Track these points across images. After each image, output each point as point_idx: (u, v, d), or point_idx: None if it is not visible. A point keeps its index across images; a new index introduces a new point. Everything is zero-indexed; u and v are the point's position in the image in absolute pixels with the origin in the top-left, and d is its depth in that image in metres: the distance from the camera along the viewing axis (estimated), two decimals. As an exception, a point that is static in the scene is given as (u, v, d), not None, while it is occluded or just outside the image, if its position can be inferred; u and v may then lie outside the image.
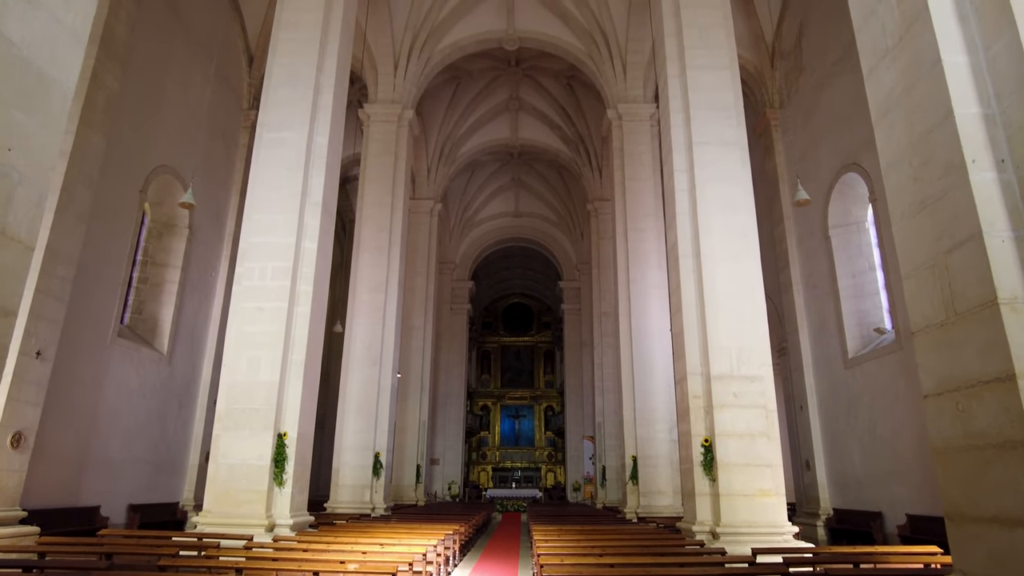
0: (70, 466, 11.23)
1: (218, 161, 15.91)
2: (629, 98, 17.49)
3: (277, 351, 8.95)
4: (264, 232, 9.56)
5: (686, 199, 9.62)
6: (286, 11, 10.68)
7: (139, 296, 13.84)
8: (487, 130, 24.20)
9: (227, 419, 8.77)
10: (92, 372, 11.74)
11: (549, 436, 35.55)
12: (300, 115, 10.04)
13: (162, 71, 13.70)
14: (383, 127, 17.27)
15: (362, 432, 14.80)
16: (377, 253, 16.21)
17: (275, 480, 8.54)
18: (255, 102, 16.89)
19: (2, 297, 3.93)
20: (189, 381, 14.79)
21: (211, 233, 15.60)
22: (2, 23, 3.98)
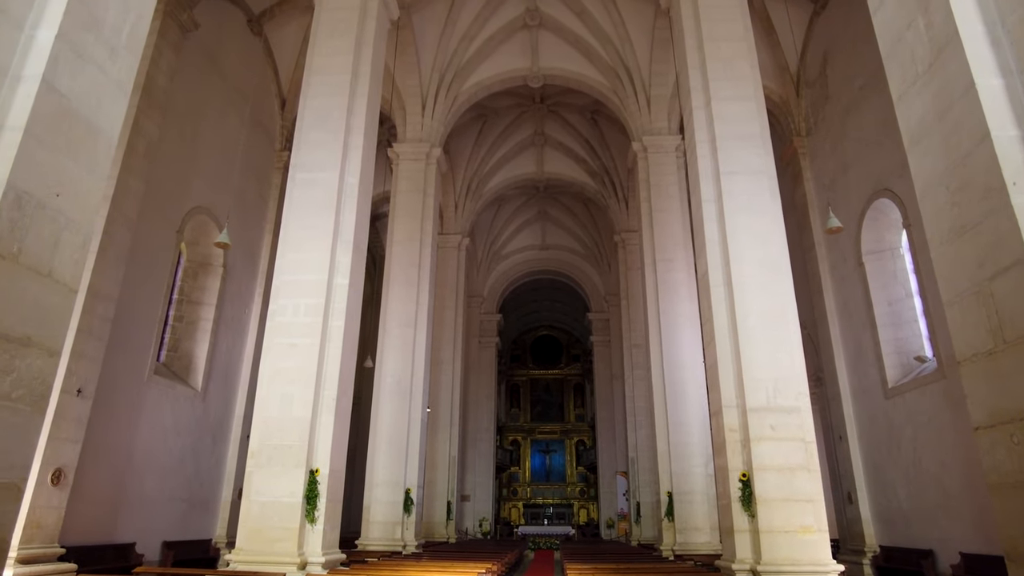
0: (106, 503, 11.35)
1: (252, 201, 16.33)
2: (654, 130, 17.58)
3: (309, 387, 9.02)
4: (297, 270, 9.72)
5: (715, 229, 9.55)
6: (317, 56, 11.02)
7: (175, 334, 14.13)
8: (513, 165, 24.49)
9: (260, 456, 8.81)
10: (129, 409, 11.94)
11: (581, 471, 34.95)
12: (331, 156, 10.28)
13: (199, 116, 14.20)
14: (412, 165, 17.58)
15: (393, 467, 14.74)
16: (407, 288, 16.35)
17: (307, 517, 8.51)
18: (288, 144, 17.35)
19: (48, 338, 4.05)
20: (222, 417, 14.95)
21: (245, 271, 15.93)
22: (54, 77, 4.18)
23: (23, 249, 3.88)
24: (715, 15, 10.65)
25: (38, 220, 4.01)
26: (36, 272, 3.97)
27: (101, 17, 4.68)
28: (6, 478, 3.74)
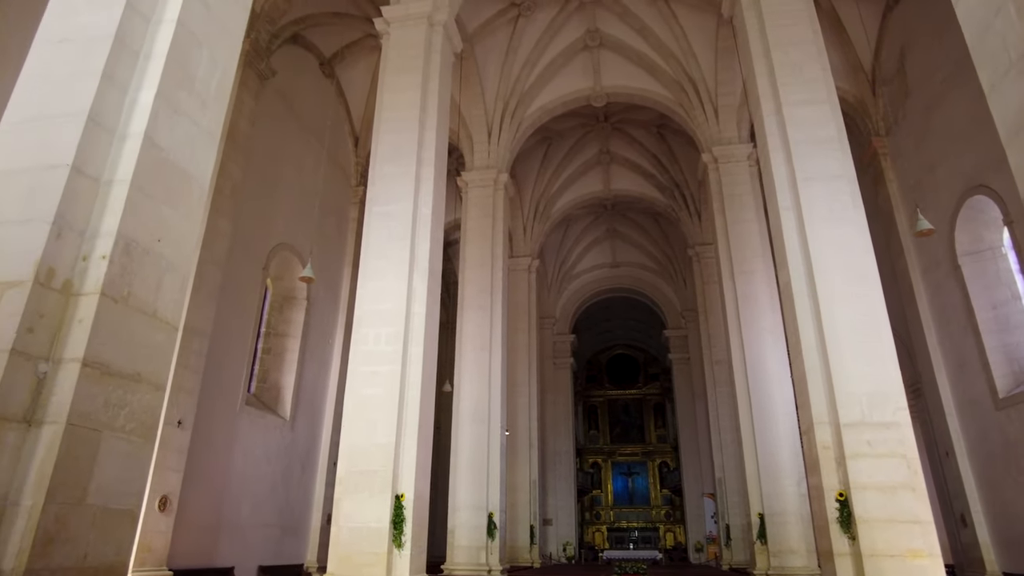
0: (207, 528, 11.93)
1: (331, 236, 17.03)
2: (723, 140, 17.22)
3: (392, 413, 9.23)
4: (376, 299, 10.03)
5: (795, 238, 9.21)
6: (387, 93, 11.45)
7: (264, 365, 14.81)
8: (579, 185, 24.50)
9: (347, 482, 9.05)
10: (224, 439, 12.56)
11: (665, 494, 33.98)
12: (404, 188, 10.61)
13: (279, 157, 14.99)
14: (480, 192, 17.89)
15: (474, 491, 14.81)
16: (480, 312, 16.55)
17: (394, 542, 8.65)
18: (362, 179, 18.05)
19: (155, 374, 4.35)
20: (310, 445, 15.49)
21: (327, 303, 16.57)
22: (155, 132, 4.54)
23: (132, 292, 4.19)
24: (780, 20, 10.39)
25: (144, 265, 4.33)
26: (143, 312, 4.28)
27: (193, 73, 5.06)
28: (124, 505, 4.01)
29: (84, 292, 3.97)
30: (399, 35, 11.83)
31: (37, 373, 3.70)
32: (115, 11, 4.66)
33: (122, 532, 4.00)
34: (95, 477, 3.80)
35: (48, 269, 3.85)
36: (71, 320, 3.89)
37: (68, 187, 4.05)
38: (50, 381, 3.74)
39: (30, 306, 3.71)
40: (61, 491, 3.57)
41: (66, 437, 3.62)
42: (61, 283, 3.93)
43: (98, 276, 3.99)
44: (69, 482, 3.63)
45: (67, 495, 3.61)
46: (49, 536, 3.48)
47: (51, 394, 3.71)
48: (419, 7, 11.85)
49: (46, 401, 3.69)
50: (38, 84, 4.56)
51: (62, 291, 3.93)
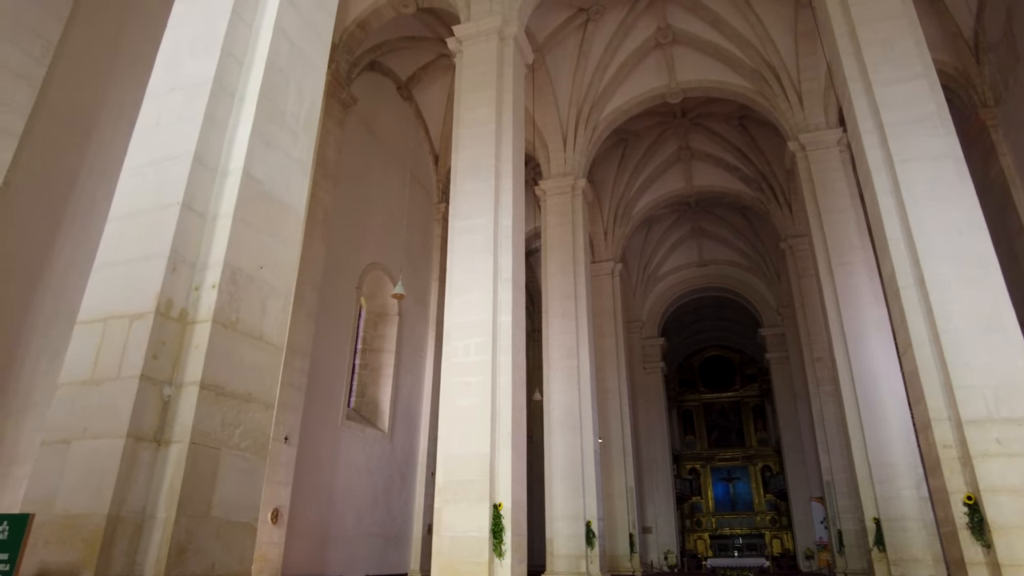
0: (315, 539, 12.50)
1: (418, 252, 17.55)
2: (810, 127, 16.45)
3: (485, 422, 9.36)
4: (464, 312, 10.24)
5: (896, 224, 8.65)
6: (463, 110, 11.71)
7: (362, 380, 15.41)
8: (660, 184, 24.05)
9: (446, 491, 9.25)
10: (327, 453, 13.14)
11: (769, 499, 32.52)
12: (485, 202, 10.79)
13: (365, 181, 15.63)
14: (559, 199, 17.92)
15: (570, 500, 14.75)
16: (565, 319, 16.52)
17: (495, 551, 8.75)
18: (443, 195, 18.52)
19: (264, 393, 4.63)
20: (408, 456, 15.94)
21: (417, 317, 17.07)
22: (251, 166, 4.86)
23: (240, 317, 4.49)
24: (865, -5, 9.84)
25: (249, 291, 4.63)
26: (251, 336, 4.57)
27: (283, 108, 5.38)
28: (244, 518, 4.28)
29: (198, 320, 4.29)
30: (471, 52, 12.09)
31: (163, 396, 4.03)
32: (212, 58, 5.04)
33: (243, 543, 4.27)
34: (217, 491, 4.08)
35: (167, 300, 4.20)
36: (188, 346, 4.21)
37: (180, 223, 4.40)
38: (174, 403, 4.06)
39: (154, 335, 4.05)
40: (189, 505, 3.86)
41: (191, 455, 3.91)
42: (178, 312, 4.26)
43: (209, 304, 4.31)
44: (195, 497, 3.92)
45: (194, 509, 3.90)
46: (182, 547, 3.77)
47: (175, 415, 4.03)
48: (489, 23, 12.07)
49: (172, 422, 4.01)
50: (151, 131, 4.99)
51: (179, 320, 4.26)
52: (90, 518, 3.65)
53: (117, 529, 3.65)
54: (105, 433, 3.85)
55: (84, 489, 3.75)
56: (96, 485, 3.73)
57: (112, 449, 3.78)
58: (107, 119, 9.06)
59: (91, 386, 4.06)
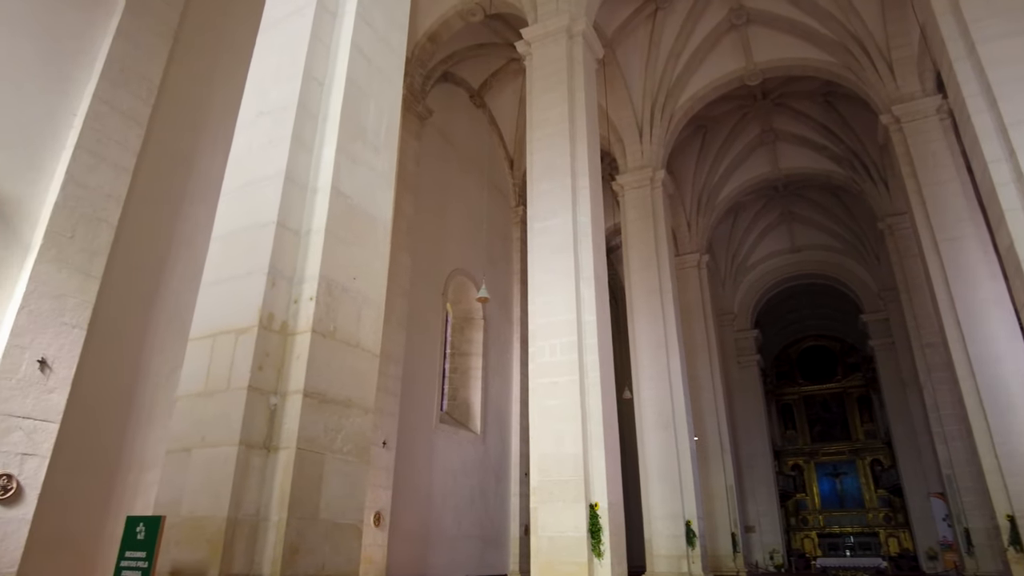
0: (416, 541, 12.84)
1: (498, 256, 17.74)
2: (904, 97, 15.39)
3: (576, 422, 9.33)
4: (547, 312, 10.25)
5: (1013, 192, 7.95)
6: (535, 111, 11.74)
7: (452, 384, 15.74)
8: (743, 170, 23.21)
9: (541, 492, 9.27)
10: (423, 456, 13.48)
11: (882, 494, 30.57)
12: (562, 201, 10.77)
13: (444, 190, 15.96)
14: (637, 193, 17.63)
15: (668, 499, 14.45)
16: (651, 316, 16.22)
17: (594, 551, 8.69)
18: (520, 198, 18.64)
19: (363, 399, 4.80)
20: (501, 457, 16.12)
21: (502, 320, 17.25)
22: (339, 182, 5.05)
23: (337, 327, 4.68)
24: (962, -54, 9.11)
25: (344, 301, 4.82)
26: (348, 344, 4.75)
27: (363, 125, 5.57)
28: (349, 520, 4.46)
29: (298, 331, 4.51)
30: (541, 53, 12.10)
31: (269, 405, 4.26)
32: (296, 82, 5.29)
33: (350, 544, 4.45)
34: (323, 495, 4.27)
35: (268, 314, 4.44)
36: (290, 357, 4.44)
37: (276, 241, 4.65)
38: (279, 411, 4.28)
39: (258, 347, 4.29)
40: (298, 508, 4.06)
41: (298, 460, 4.12)
42: (279, 325, 4.50)
43: (308, 315, 4.52)
44: (304, 500, 4.12)
45: (303, 511, 4.10)
46: (294, 547, 3.97)
47: (282, 423, 4.25)
48: (556, 22, 12.05)
49: (279, 429, 4.24)
50: (244, 156, 5.29)
51: (280, 332, 4.50)
52: (212, 520, 3.91)
53: (236, 531, 3.89)
54: (220, 441, 4.11)
55: (205, 493, 4.02)
56: (215, 490, 3.99)
57: (227, 456, 4.04)
58: (204, 148, 9.70)
59: (205, 398, 4.35)
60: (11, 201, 7.27)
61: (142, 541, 3.69)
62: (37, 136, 7.67)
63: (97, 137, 8.03)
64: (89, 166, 7.88)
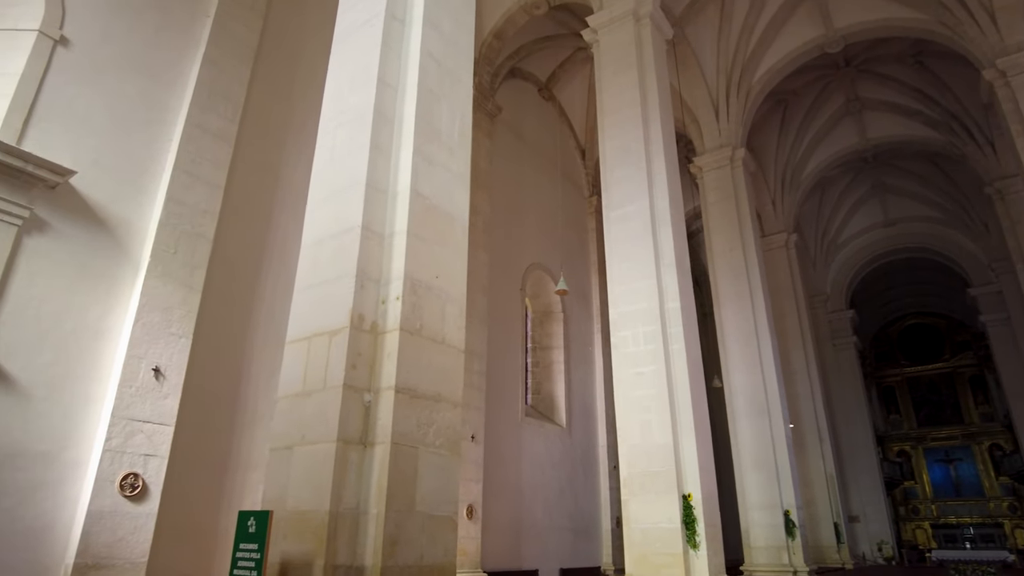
0: (508, 534, 12.98)
1: (575, 248, 17.66)
2: (1010, 48, 14.11)
3: (664, 412, 9.16)
4: (628, 301, 10.10)
5: None
6: (605, 98, 11.58)
7: (535, 378, 15.81)
8: (829, 142, 22.02)
9: (631, 484, 9.17)
10: (511, 449, 13.61)
11: (1004, 482, 28.27)
12: (638, 188, 10.57)
13: (517, 185, 16.02)
14: (716, 174, 17.08)
15: (764, 489, 13.97)
16: (738, 300, 15.69)
17: (689, 543, 8.52)
18: (594, 188, 18.47)
19: (451, 393, 4.89)
20: (589, 449, 16.07)
21: (581, 312, 17.17)
22: (418, 184, 5.17)
23: (423, 325, 4.80)
24: None
25: (428, 299, 4.93)
26: (434, 341, 4.86)
27: (437, 127, 5.67)
28: (444, 512, 4.57)
29: (387, 330, 4.66)
30: (608, 39, 11.91)
31: (364, 402, 4.42)
32: (370, 90, 5.44)
33: (446, 535, 4.56)
34: (419, 488, 4.39)
35: (359, 315, 4.60)
36: (381, 355, 4.58)
37: (362, 245, 4.81)
38: (374, 408, 4.44)
39: (351, 347, 4.46)
40: (395, 501, 4.20)
41: (393, 454, 4.25)
42: (370, 325, 4.66)
43: (396, 315, 4.65)
44: (400, 493, 4.25)
45: (400, 504, 4.23)
46: (393, 539, 4.11)
47: (376, 419, 4.40)
48: (622, 6, 11.82)
49: (373, 425, 4.39)
50: (327, 165, 5.50)
51: (371, 331, 4.65)
52: (315, 514, 4.11)
53: (338, 523, 4.07)
54: (319, 439, 4.31)
55: (307, 488, 4.22)
56: (316, 485, 4.18)
57: (326, 453, 4.22)
58: (288, 160, 10.17)
59: (303, 397, 4.57)
60: (121, 223, 7.88)
61: (253, 534, 3.92)
62: (141, 162, 8.27)
63: (191, 158, 8.58)
64: (186, 185, 8.42)
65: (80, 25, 8.00)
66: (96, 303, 7.44)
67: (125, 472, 6.99)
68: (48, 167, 7.09)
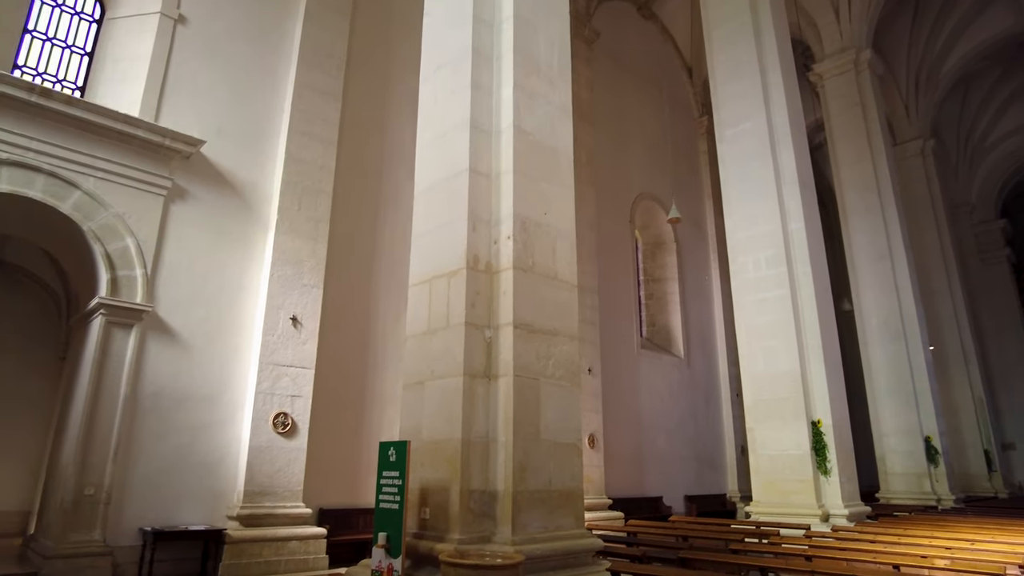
0: (631, 462, 13.19)
1: (685, 174, 16.95)
2: None
3: (790, 338, 8.81)
4: (747, 225, 9.66)
5: None
6: (711, 9, 10.81)
7: (649, 311, 15.63)
8: (975, 29, 19.35)
9: (756, 411, 8.99)
10: (628, 381, 13.66)
11: None
12: (752, 103, 9.91)
13: (620, 114, 15.47)
14: (839, 80, 15.64)
15: (901, 415, 13.22)
16: (868, 216, 14.54)
17: (819, 469, 8.29)
18: (704, 108, 17.50)
19: (567, 327, 4.96)
20: (709, 379, 15.82)
21: (695, 241, 16.61)
22: (520, 120, 5.13)
23: (535, 262, 4.85)
24: None
25: (538, 237, 4.97)
26: (547, 276, 4.92)
27: (536, 58, 5.55)
28: (568, 440, 4.71)
29: (501, 269, 4.76)
30: (711, -57, 11.02)
31: (485, 338, 4.59)
32: (466, 28, 5.40)
33: (572, 462, 4.71)
34: (542, 417, 4.54)
35: (473, 256, 4.72)
36: (497, 293, 4.71)
37: (471, 188, 4.88)
38: (494, 343, 4.60)
39: (469, 287, 4.61)
40: (522, 429, 4.37)
41: (516, 386, 4.41)
42: (484, 265, 4.77)
43: (508, 253, 4.73)
44: (525, 422, 4.42)
45: (526, 432, 4.41)
46: (522, 465, 4.31)
47: (498, 353, 4.56)
48: (726, -95, 10.83)
49: (495, 359, 4.56)
50: (431, 109, 5.57)
51: (486, 271, 4.77)
52: (448, 443, 4.37)
53: (470, 451, 4.31)
54: (447, 373, 4.54)
55: (439, 420, 4.49)
56: (447, 416, 4.43)
57: (455, 386, 4.45)
58: (392, 111, 10.39)
59: (429, 336, 4.80)
60: (248, 185, 8.46)
61: (394, 462, 4.24)
62: (259, 126, 8.77)
63: (304, 117, 8.97)
64: (302, 144, 8.86)
65: (194, 2, 8.45)
66: (235, 261, 8.11)
67: (276, 412, 7.73)
68: (182, 139, 7.70)
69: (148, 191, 7.49)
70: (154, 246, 7.41)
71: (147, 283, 7.24)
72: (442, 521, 4.25)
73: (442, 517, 4.26)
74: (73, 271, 8.37)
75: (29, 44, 7.91)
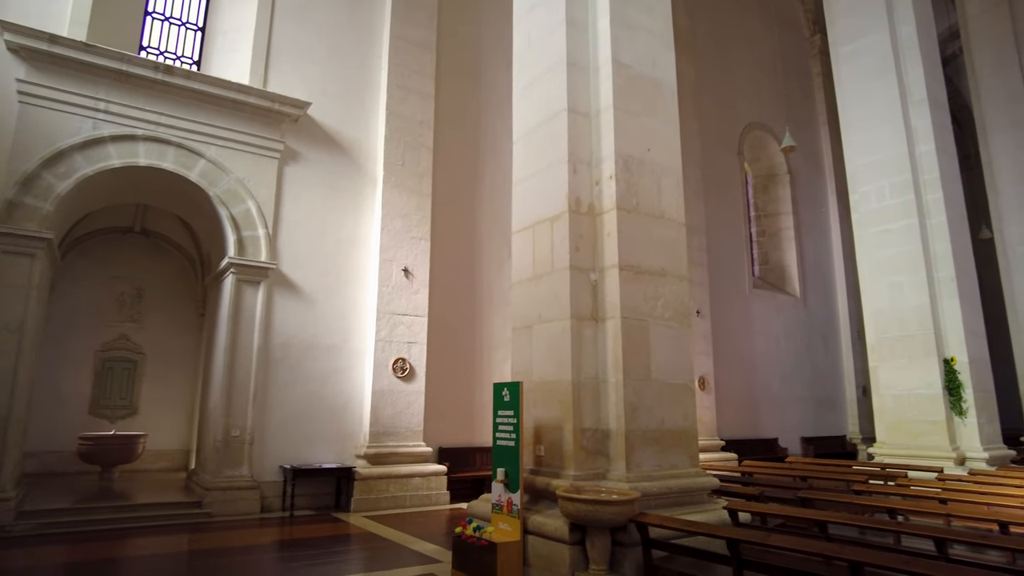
0: (744, 404, 12.89)
1: (797, 99, 15.77)
2: None
3: (918, 272, 8.15)
4: (868, 151, 8.90)
5: None
6: (827, -88, 9.78)
7: (762, 248, 14.92)
8: None
9: (880, 350, 8.47)
10: (740, 322, 13.22)
11: None
12: (873, 13, 8.98)
13: (725, 39, 14.50)
14: (980, -24, 13.76)
15: (1054, 351, 11.98)
16: (1013, 132, 12.90)
17: (953, 409, 7.75)
18: (817, 26, 16.08)
19: (675, 267, 4.85)
20: (827, 318, 15.01)
21: (810, 172, 15.54)
22: (618, 53, 4.95)
23: (639, 201, 4.75)
24: None
25: (642, 175, 4.84)
26: (652, 216, 4.80)
27: (633, -14, 5.28)
28: (680, 380, 4.67)
29: (604, 210, 4.69)
30: None
31: (591, 281, 4.59)
32: (558, -39, 5.21)
33: (684, 402, 4.68)
34: (652, 358, 4.52)
35: (575, 199, 4.69)
36: (601, 235, 4.66)
37: (570, 128, 4.81)
38: (600, 285, 4.59)
39: (572, 230, 4.60)
40: (632, 370, 4.38)
41: (624, 327, 4.40)
42: (587, 207, 4.73)
43: (611, 194, 4.66)
44: (635, 363, 4.42)
45: (636, 373, 4.41)
46: (634, 405, 4.33)
47: (604, 295, 4.55)
48: None
49: (602, 302, 4.55)
50: (526, 51, 5.48)
51: (588, 213, 4.73)
52: (559, 383, 4.46)
53: (581, 392, 4.38)
54: (555, 317, 4.60)
55: (549, 361, 4.58)
56: (557, 358, 4.51)
57: (562, 329, 4.51)
58: (486, 61, 10.31)
59: (535, 281, 4.86)
60: (354, 143, 8.76)
61: (508, 402, 4.39)
62: (359, 83, 9.00)
63: (401, 71, 9.10)
64: (400, 99, 9.02)
65: (289, -36, 8.68)
66: (347, 217, 8.51)
67: (395, 357, 8.18)
68: (290, 103, 8.05)
69: (263, 155, 7.95)
70: (273, 207, 7.91)
71: (269, 242, 7.77)
72: (557, 458, 4.39)
73: (556, 454, 4.39)
74: (204, 234, 9.11)
75: (151, 26, 8.47)
